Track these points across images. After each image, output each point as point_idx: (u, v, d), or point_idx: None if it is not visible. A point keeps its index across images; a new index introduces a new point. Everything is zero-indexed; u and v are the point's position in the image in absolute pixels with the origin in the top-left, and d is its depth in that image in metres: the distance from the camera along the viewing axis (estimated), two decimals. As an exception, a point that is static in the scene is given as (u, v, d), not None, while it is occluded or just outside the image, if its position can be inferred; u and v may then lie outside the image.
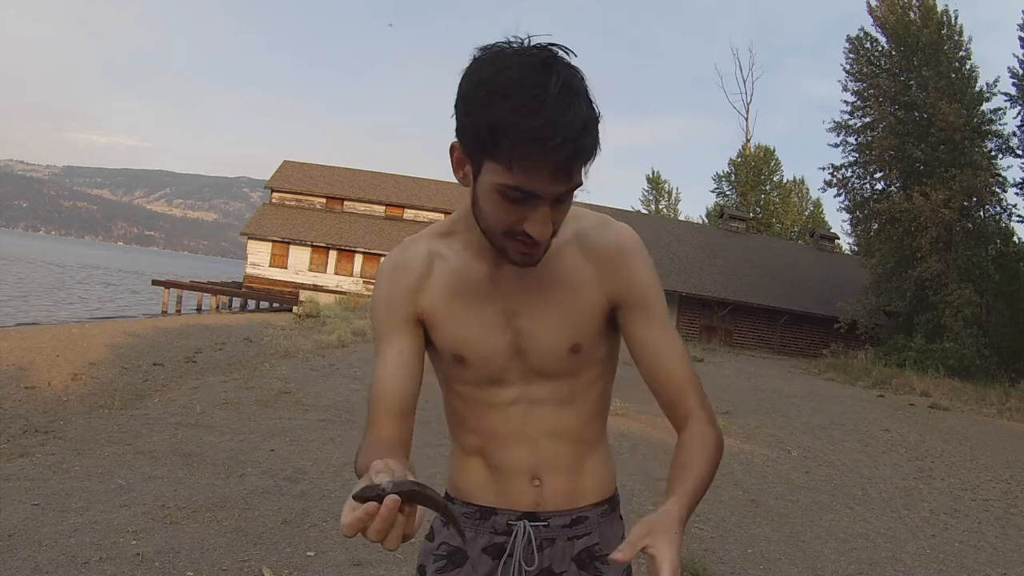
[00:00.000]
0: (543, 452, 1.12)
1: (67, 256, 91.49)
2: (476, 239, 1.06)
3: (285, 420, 6.50)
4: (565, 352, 1.08)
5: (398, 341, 1.09)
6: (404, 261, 1.12)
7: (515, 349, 1.08)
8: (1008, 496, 6.77)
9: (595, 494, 1.16)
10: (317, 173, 34.54)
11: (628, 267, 1.08)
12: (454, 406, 1.16)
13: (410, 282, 1.10)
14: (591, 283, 1.07)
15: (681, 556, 0.85)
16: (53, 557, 3.12)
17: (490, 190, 0.92)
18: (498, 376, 1.10)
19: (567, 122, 0.84)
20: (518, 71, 0.86)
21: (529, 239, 0.93)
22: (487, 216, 0.95)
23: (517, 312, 1.08)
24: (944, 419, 12.10)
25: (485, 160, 0.90)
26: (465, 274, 1.09)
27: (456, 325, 1.09)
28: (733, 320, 28.64)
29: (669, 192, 53.72)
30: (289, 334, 15.80)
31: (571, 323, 1.07)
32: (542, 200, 0.90)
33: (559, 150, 0.85)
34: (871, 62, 26.01)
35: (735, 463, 6.71)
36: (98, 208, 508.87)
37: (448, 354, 1.10)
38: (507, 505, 1.13)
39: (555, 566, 1.13)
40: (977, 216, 24.03)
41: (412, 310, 1.10)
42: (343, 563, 3.41)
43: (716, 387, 13.32)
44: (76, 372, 8.98)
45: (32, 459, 4.62)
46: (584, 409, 1.13)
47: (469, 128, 0.90)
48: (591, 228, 1.09)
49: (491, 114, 0.86)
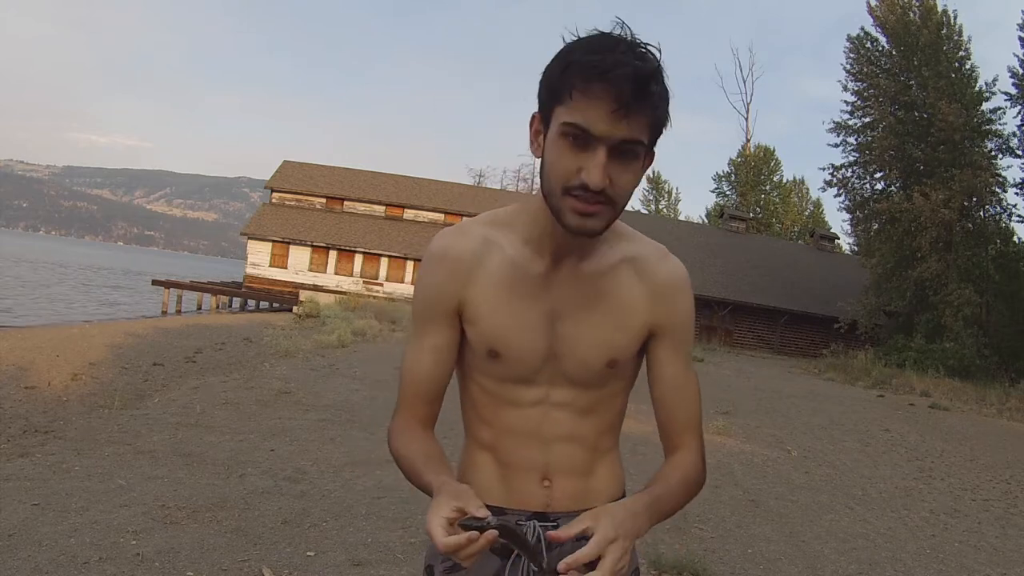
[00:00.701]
0: (555, 454, 1.13)
1: (67, 256, 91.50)
2: (537, 234, 1.07)
3: (285, 420, 6.50)
4: (602, 365, 1.10)
5: (435, 334, 1.12)
6: (455, 249, 1.11)
7: (551, 353, 1.09)
8: (1008, 496, 6.77)
9: (605, 496, 1.17)
10: (317, 173, 34.54)
11: (677, 303, 1.12)
12: (474, 397, 1.16)
13: (457, 273, 1.10)
14: (639, 306, 1.10)
15: (627, 542, 0.90)
16: (53, 557, 3.12)
17: (553, 138, 0.95)
18: (528, 376, 1.10)
19: (631, 64, 0.90)
20: (595, 36, 0.94)
21: (586, 192, 0.94)
22: (548, 170, 0.97)
23: (562, 316, 1.09)
24: (944, 419, 12.10)
25: (554, 109, 0.95)
26: (519, 268, 1.09)
27: (497, 319, 1.09)
28: (733, 320, 28.64)
29: (669, 192, 53.75)
30: (289, 334, 15.80)
31: (612, 340, 1.09)
32: (599, 142, 0.92)
33: (618, 84, 0.89)
34: (871, 62, 26.02)
35: (735, 463, 6.71)
36: (98, 208, 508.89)
37: (483, 348, 1.10)
38: (516, 505, 1.14)
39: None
40: (977, 216, 24.03)
41: (453, 303, 1.10)
42: (343, 563, 3.41)
43: (716, 387, 13.32)
44: (76, 372, 8.98)
45: (32, 459, 4.62)
46: (602, 419, 1.15)
47: (544, 83, 0.96)
48: (650, 256, 1.13)
49: (563, 60, 0.93)
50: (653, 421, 1.17)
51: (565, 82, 0.92)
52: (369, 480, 4.81)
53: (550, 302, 1.08)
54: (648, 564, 3.78)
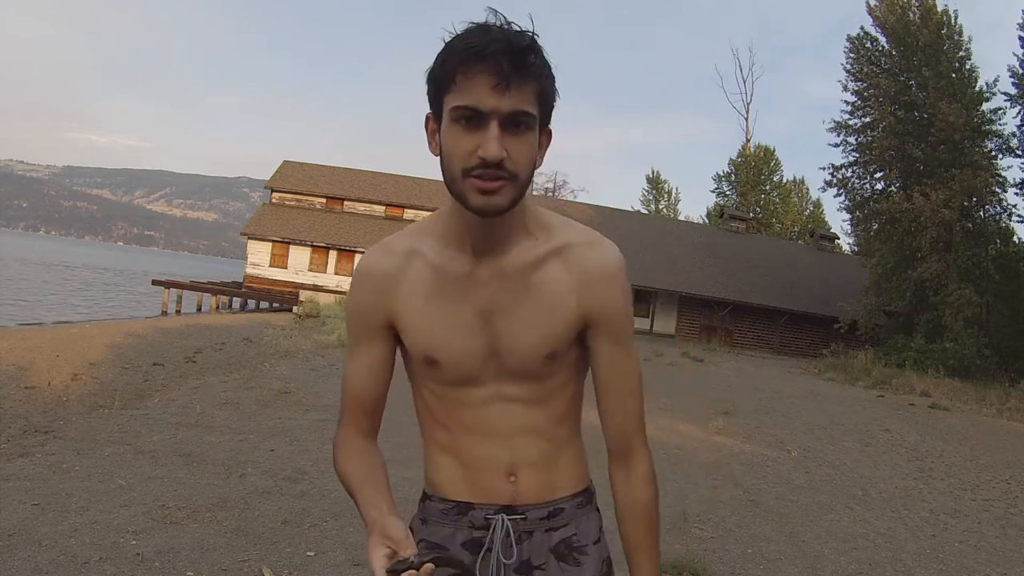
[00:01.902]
0: (517, 448, 1.12)
1: (67, 256, 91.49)
2: (455, 233, 1.08)
3: (285, 420, 6.50)
4: (541, 357, 1.09)
5: (367, 351, 1.14)
6: (378, 266, 1.13)
7: (490, 351, 1.09)
8: (1008, 496, 6.77)
9: (571, 486, 1.17)
10: (317, 173, 34.53)
11: (607, 291, 1.10)
12: (427, 402, 1.16)
13: (381, 290, 1.11)
14: (569, 297, 1.09)
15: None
16: (53, 557, 3.12)
17: (447, 126, 0.97)
18: (471, 376, 1.10)
19: (506, 38, 0.93)
20: (471, 26, 0.97)
21: (485, 168, 0.95)
22: (447, 157, 0.99)
23: (494, 313, 1.08)
24: (944, 419, 12.09)
25: (443, 100, 0.97)
26: (442, 272, 1.09)
27: (429, 327, 1.09)
28: (733, 320, 28.64)
29: (669, 192, 53.76)
30: (289, 334, 15.80)
31: (548, 331, 1.08)
32: (489, 117, 0.94)
33: (496, 59, 0.92)
34: (871, 62, 26.02)
35: (735, 463, 6.71)
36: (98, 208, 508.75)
37: (419, 356, 1.11)
38: (484, 500, 1.13)
39: (534, 558, 1.13)
40: (977, 216, 24.02)
41: (381, 319, 1.12)
42: (343, 563, 3.42)
43: (716, 387, 13.32)
44: (76, 372, 8.98)
45: (32, 459, 4.62)
46: (557, 409, 1.14)
47: (430, 80, 0.99)
48: (579, 245, 1.11)
49: (443, 53, 0.97)
50: (654, 421, 1.17)
51: (447, 71, 0.95)
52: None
53: (480, 300, 1.08)
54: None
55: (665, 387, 11.71)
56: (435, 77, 0.98)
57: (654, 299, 28.69)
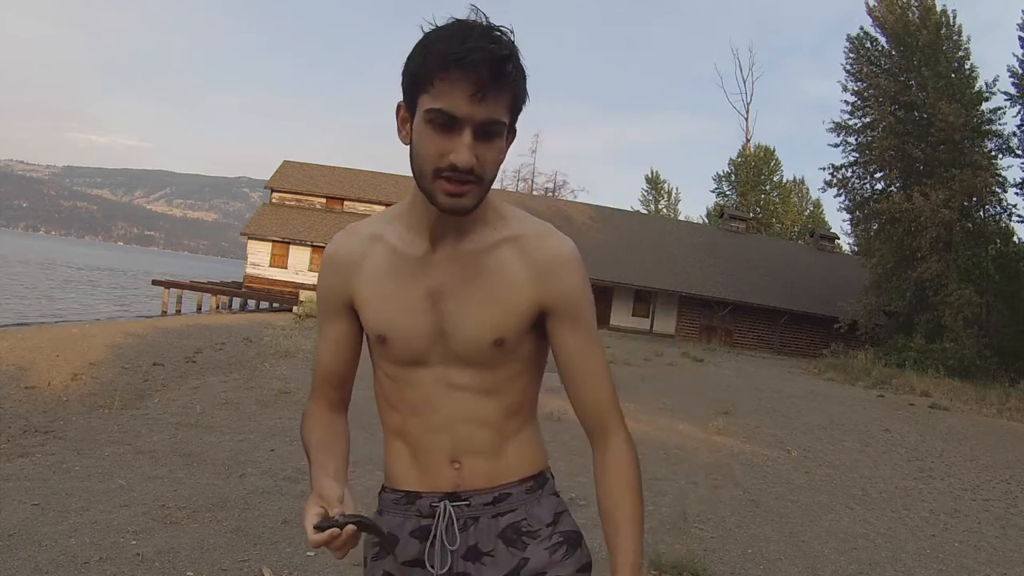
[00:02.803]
0: (460, 436, 1.13)
1: (67, 256, 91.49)
2: (416, 219, 1.12)
3: (285, 420, 6.50)
4: (488, 344, 1.10)
5: (331, 327, 1.21)
6: (342, 248, 1.18)
7: (438, 331, 1.11)
8: (1008, 496, 6.77)
9: (518, 472, 1.17)
10: (317, 173, 34.53)
11: (563, 278, 1.12)
12: (381, 384, 1.19)
13: (343, 270, 1.17)
14: (523, 285, 1.11)
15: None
16: (53, 557, 3.12)
17: (420, 125, 1.00)
18: (419, 357, 1.13)
19: (485, 48, 0.95)
20: (452, 24, 0.99)
21: (455, 172, 0.98)
22: (418, 156, 1.02)
23: (444, 296, 1.11)
24: (944, 419, 12.10)
25: (418, 98, 0.99)
26: (399, 254, 1.13)
27: (382, 305, 1.13)
28: (733, 320, 28.64)
29: (669, 192, 53.79)
30: (289, 334, 15.80)
31: (497, 318, 1.10)
32: (463, 123, 0.97)
33: (475, 68, 0.94)
34: (871, 62, 26.03)
35: (735, 463, 6.71)
36: (98, 208, 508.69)
37: (373, 334, 1.15)
38: (430, 488, 1.15)
39: (481, 544, 1.13)
40: (977, 216, 24.04)
41: (344, 298, 1.18)
42: (343, 563, 3.41)
43: (716, 387, 13.32)
44: (76, 372, 8.97)
45: (32, 459, 4.62)
46: (506, 401, 1.15)
47: (406, 74, 1.01)
48: (532, 235, 1.13)
49: (422, 50, 0.99)
50: (653, 421, 1.19)
51: (426, 71, 0.97)
52: (370, 479, 4.80)
53: (431, 282, 1.11)
54: (648, 564, 3.78)
55: (665, 387, 11.72)
56: (413, 73, 1.00)
57: (654, 299, 28.69)
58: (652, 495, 5.19)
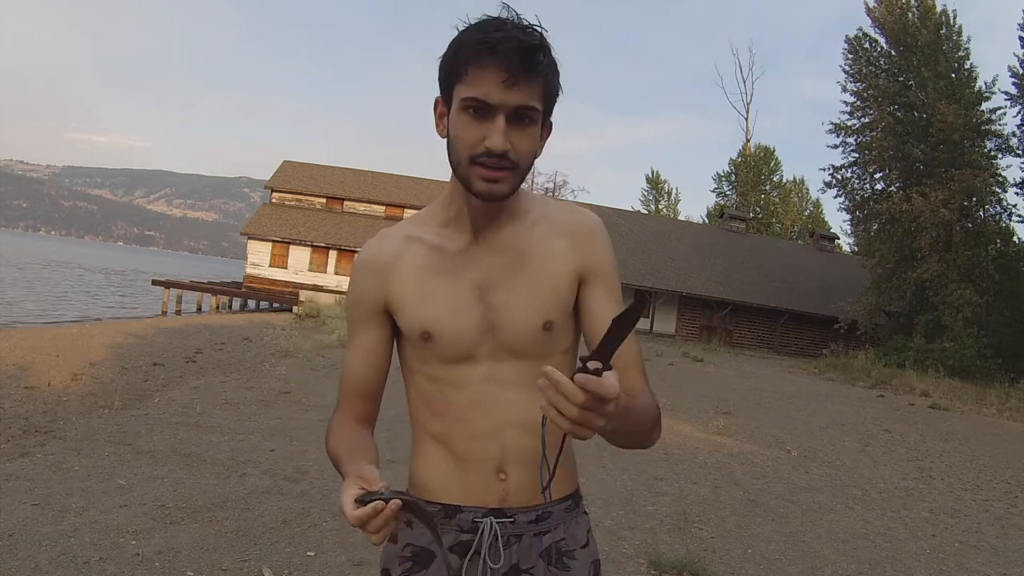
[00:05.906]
0: (509, 443, 1.11)
1: (67, 256, 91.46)
2: (454, 213, 1.13)
3: (285, 420, 6.50)
4: (538, 328, 1.10)
5: (363, 335, 1.18)
6: (376, 253, 1.18)
7: (487, 324, 1.10)
8: (1008, 496, 6.77)
9: (560, 489, 1.16)
10: (317, 173, 34.52)
11: (597, 244, 1.16)
12: (421, 390, 1.16)
13: (377, 274, 1.16)
14: (563, 255, 1.13)
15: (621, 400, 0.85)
16: (53, 557, 3.12)
17: (456, 114, 1.03)
18: (467, 352, 1.11)
19: (518, 37, 0.98)
20: (485, 19, 1.02)
21: (490, 157, 1.01)
22: (455, 144, 1.04)
23: (490, 286, 1.11)
24: (944, 419, 12.10)
25: (453, 88, 1.02)
26: (440, 250, 1.14)
27: (425, 302, 1.12)
28: (733, 320, 28.63)
29: (669, 192, 53.75)
30: (289, 334, 15.79)
31: (544, 298, 1.11)
32: (497, 110, 1.00)
33: (506, 56, 0.97)
34: (870, 62, 26.01)
35: (735, 463, 6.71)
36: (98, 208, 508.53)
37: (415, 333, 1.12)
38: (472, 502, 1.12)
39: (522, 563, 1.12)
40: (977, 216, 24.00)
41: (379, 304, 1.16)
42: (343, 563, 3.41)
43: (716, 387, 13.32)
44: (76, 372, 8.97)
45: (32, 459, 4.62)
46: None
47: (442, 67, 1.04)
48: (558, 210, 1.18)
49: (456, 44, 1.02)
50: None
51: (460, 62, 1.00)
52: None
53: (476, 274, 1.11)
54: (648, 564, 3.78)
55: (665, 387, 11.71)
56: (448, 65, 1.03)
57: (654, 299, 28.68)
58: (652, 495, 5.19)
